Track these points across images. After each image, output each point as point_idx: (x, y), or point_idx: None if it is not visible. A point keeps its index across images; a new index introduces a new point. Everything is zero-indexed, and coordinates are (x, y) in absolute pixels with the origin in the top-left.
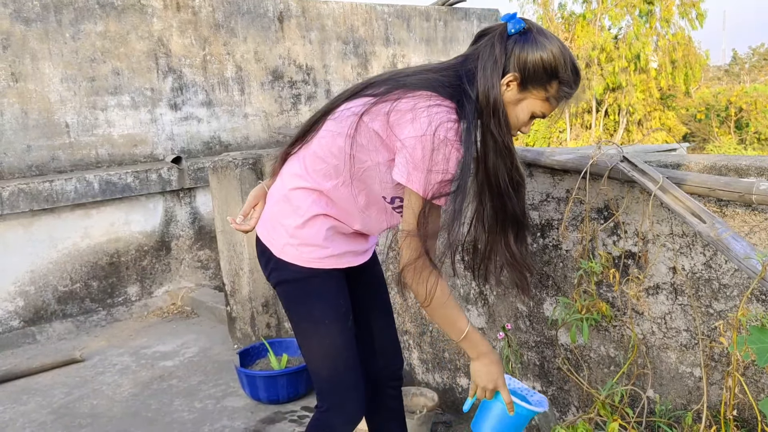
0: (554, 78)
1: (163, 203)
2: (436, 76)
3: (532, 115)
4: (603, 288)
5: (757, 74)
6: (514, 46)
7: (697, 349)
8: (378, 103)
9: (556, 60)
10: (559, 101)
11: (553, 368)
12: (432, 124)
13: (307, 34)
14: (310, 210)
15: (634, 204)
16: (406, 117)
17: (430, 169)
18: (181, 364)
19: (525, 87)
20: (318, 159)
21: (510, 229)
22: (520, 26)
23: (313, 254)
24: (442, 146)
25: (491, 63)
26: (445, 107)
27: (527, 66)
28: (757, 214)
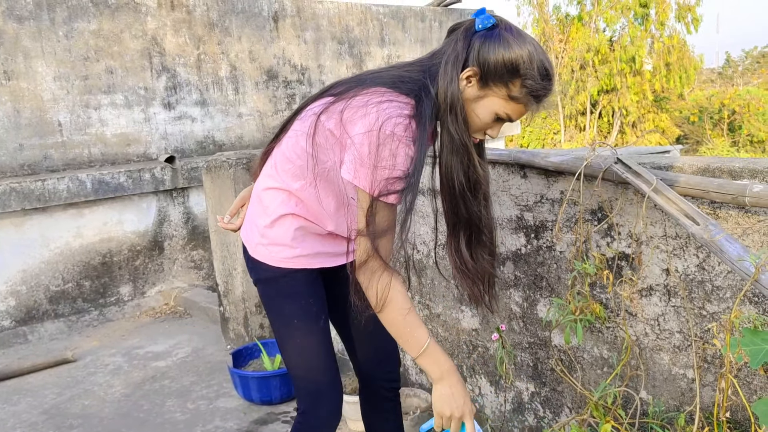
0: (516, 75)
1: (157, 203)
2: (399, 72)
3: (496, 116)
4: (597, 289)
5: (750, 77)
6: (478, 42)
7: (690, 351)
8: (335, 102)
9: (520, 57)
10: (524, 102)
11: (547, 369)
12: (379, 120)
13: (302, 33)
14: (278, 210)
15: (628, 206)
16: (357, 114)
17: (375, 165)
18: (173, 364)
19: (485, 83)
20: (286, 159)
21: (462, 233)
22: (489, 22)
23: (282, 254)
24: (388, 141)
25: (453, 58)
26: (398, 102)
27: (488, 61)
28: (751, 216)
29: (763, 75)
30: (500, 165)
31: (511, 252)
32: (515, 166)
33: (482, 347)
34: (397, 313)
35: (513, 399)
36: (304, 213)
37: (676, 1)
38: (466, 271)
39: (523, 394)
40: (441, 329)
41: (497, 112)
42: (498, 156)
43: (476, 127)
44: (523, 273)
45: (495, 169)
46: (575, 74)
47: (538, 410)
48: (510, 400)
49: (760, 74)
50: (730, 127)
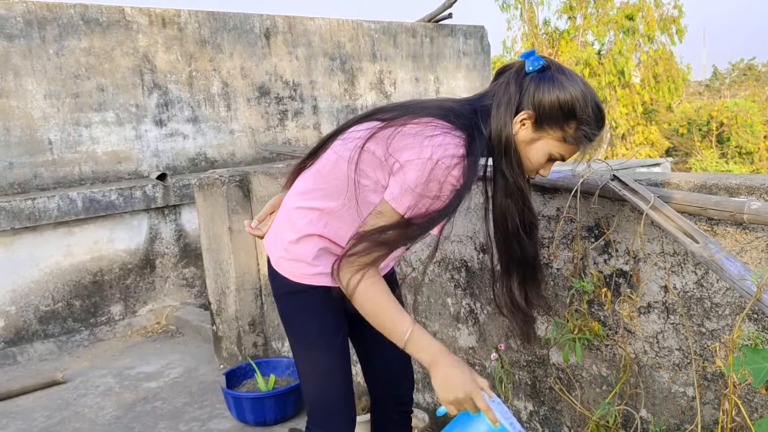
0: (572, 118)
1: (148, 220)
2: (450, 105)
3: (549, 156)
4: (594, 307)
5: (737, 89)
6: (530, 84)
7: (690, 369)
8: (384, 128)
9: (575, 99)
10: (578, 143)
11: (545, 388)
12: (435, 153)
13: (294, 50)
14: (305, 229)
15: (625, 222)
16: (409, 142)
17: (421, 194)
18: (165, 385)
19: (540, 126)
20: (322, 179)
21: (515, 273)
22: (539, 64)
23: (303, 270)
24: (440, 175)
25: (505, 100)
26: (453, 136)
27: (543, 104)
28: (749, 233)
29: (750, 87)
30: None
31: None
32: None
33: (479, 365)
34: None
35: None
36: (331, 234)
37: (659, 14)
38: (514, 309)
39: (522, 413)
40: None
41: (551, 153)
42: None
43: (529, 169)
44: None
45: None
46: None
47: (537, 429)
48: None
49: (746, 86)
50: (718, 139)
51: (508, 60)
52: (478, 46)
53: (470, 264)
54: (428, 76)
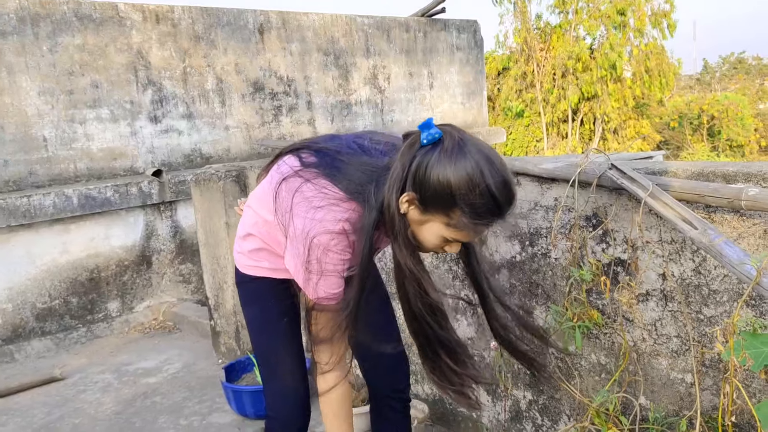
0: (453, 204)
1: (144, 217)
2: (358, 173)
3: (444, 239)
4: (593, 296)
5: (728, 83)
6: (418, 161)
7: (688, 355)
8: (297, 174)
9: (457, 184)
10: (467, 230)
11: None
12: (312, 229)
13: (288, 45)
14: (251, 229)
15: (623, 211)
16: (300, 203)
17: (308, 271)
18: (164, 380)
19: (426, 208)
20: (264, 192)
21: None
22: (434, 137)
23: (247, 262)
24: (317, 250)
25: (394, 177)
26: (339, 210)
27: (424, 186)
28: (746, 219)
29: (740, 80)
30: None
31: (506, 260)
32: None
33: (478, 356)
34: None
35: (511, 408)
36: (269, 241)
37: (650, 8)
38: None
39: (521, 402)
40: None
41: (443, 236)
42: None
43: (429, 248)
44: (518, 281)
45: None
46: (557, 82)
47: (536, 418)
48: (508, 409)
49: (737, 80)
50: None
51: (499, 55)
52: (471, 40)
53: None
54: (422, 71)
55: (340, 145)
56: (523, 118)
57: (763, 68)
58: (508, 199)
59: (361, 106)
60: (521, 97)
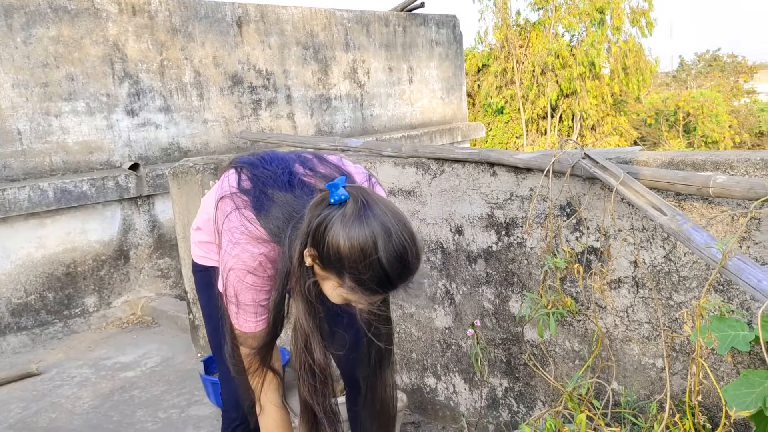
0: (345, 272)
1: (121, 211)
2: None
3: (345, 299)
4: (567, 283)
5: (703, 80)
6: (319, 219)
7: (659, 341)
8: (231, 198)
9: (351, 252)
10: (358, 294)
11: (520, 364)
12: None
13: (267, 39)
14: (200, 223)
15: (596, 200)
16: (226, 231)
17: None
18: (142, 374)
19: (324, 267)
20: (212, 196)
21: (303, 415)
22: (340, 198)
23: (199, 252)
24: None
25: (301, 230)
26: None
27: (321, 245)
28: (714, 207)
29: (716, 78)
30: (470, 164)
31: (483, 249)
32: (485, 164)
33: (456, 345)
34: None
35: (487, 395)
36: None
37: (629, 6)
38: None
39: (497, 389)
40: (414, 329)
41: (343, 296)
42: (468, 155)
43: (335, 300)
44: (494, 270)
45: (465, 167)
46: (536, 79)
47: (512, 405)
48: (484, 397)
49: (712, 77)
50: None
51: (480, 51)
52: (450, 35)
53: (446, 246)
54: (401, 66)
55: (275, 173)
56: (503, 114)
57: (738, 66)
58: (401, 274)
59: (340, 100)
60: (501, 93)
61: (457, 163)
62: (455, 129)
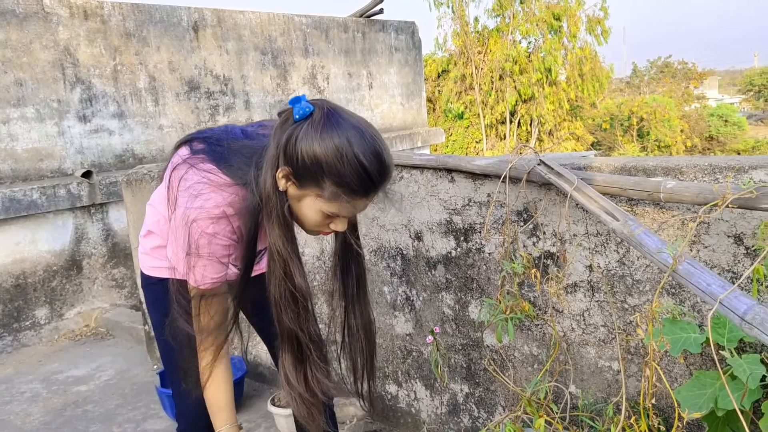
0: (322, 174)
1: (73, 220)
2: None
3: (325, 215)
4: (525, 288)
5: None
6: (289, 136)
7: (615, 344)
8: (185, 162)
9: (328, 154)
10: (339, 200)
11: (480, 370)
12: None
13: (224, 44)
14: (150, 225)
15: (552, 206)
16: (183, 190)
17: (189, 254)
18: (96, 388)
19: (301, 182)
20: (164, 187)
21: (287, 347)
22: (305, 112)
23: (149, 263)
24: (190, 231)
25: (270, 154)
26: (221, 193)
27: (295, 159)
28: (665, 211)
29: (667, 83)
30: (428, 170)
31: (442, 255)
32: (443, 170)
33: (416, 351)
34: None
35: (448, 401)
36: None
37: (585, 15)
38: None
39: (458, 395)
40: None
41: (322, 210)
42: (426, 161)
43: (312, 226)
44: (453, 276)
45: (423, 174)
46: (495, 84)
47: (472, 411)
48: (445, 403)
49: (664, 83)
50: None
51: (439, 57)
52: (409, 41)
53: (405, 252)
54: (361, 71)
55: (227, 133)
56: (463, 119)
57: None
58: (380, 170)
59: None
60: (461, 99)
61: (415, 170)
62: (415, 134)
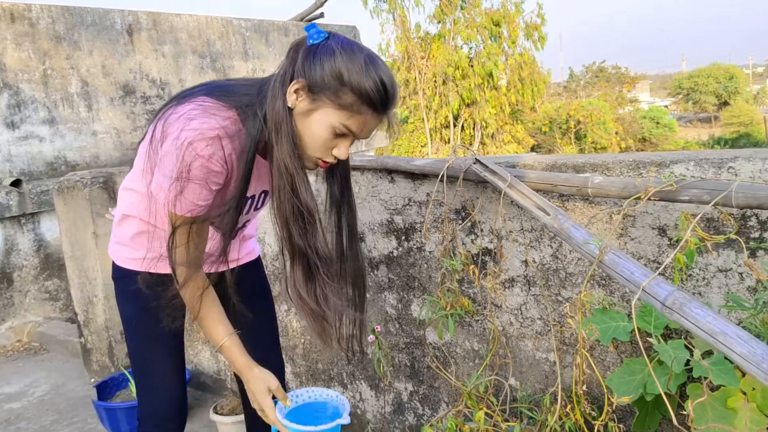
0: (343, 83)
1: (2, 231)
2: (231, 83)
3: (334, 130)
4: (464, 285)
5: (591, 90)
6: (308, 52)
7: (550, 336)
8: (169, 108)
9: (346, 65)
10: (359, 112)
11: (423, 367)
12: (188, 137)
13: (160, 47)
14: (125, 210)
15: (488, 203)
16: (172, 122)
17: (177, 178)
18: (30, 404)
19: (315, 94)
20: (140, 159)
21: (297, 265)
22: (320, 37)
23: (125, 254)
24: (189, 157)
25: (281, 73)
26: (215, 117)
27: (314, 70)
28: (594, 206)
29: (602, 88)
30: (369, 171)
31: (384, 255)
32: (383, 171)
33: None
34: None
35: (393, 400)
36: (153, 218)
37: (524, 21)
38: (304, 307)
39: (403, 394)
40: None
41: (333, 124)
42: (367, 162)
43: (317, 146)
44: (396, 275)
45: (364, 175)
46: (438, 89)
47: (417, 408)
48: (390, 402)
49: (599, 87)
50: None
51: None
52: None
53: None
54: None
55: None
56: (408, 124)
57: (621, 76)
58: (392, 90)
59: None
60: (405, 103)
61: (356, 171)
62: None
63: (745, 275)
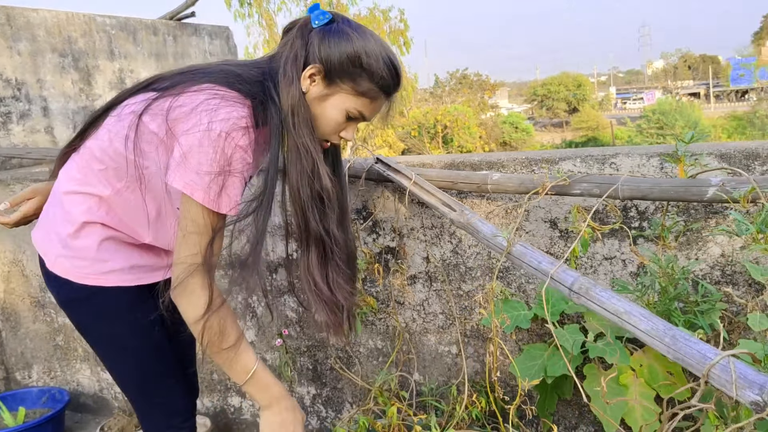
0: (361, 69)
1: None
2: (234, 69)
3: (347, 114)
4: (368, 284)
5: (456, 96)
6: (315, 37)
7: (452, 330)
8: (159, 98)
9: (363, 50)
10: (373, 97)
11: (326, 370)
12: (212, 122)
13: (15, 44)
14: (83, 217)
15: (389, 202)
16: (186, 114)
17: (207, 172)
18: None
19: (331, 80)
20: (96, 160)
21: (312, 251)
22: (325, 18)
23: (90, 269)
24: (221, 145)
25: (292, 57)
26: (234, 103)
27: (330, 56)
28: (492, 202)
29: (466, 94)
30: None
31: (283, 258)
32: (281, 172)
33: (261, 358)
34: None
35: None
36: (115, 223)
37: (389, 26)
38: (318, 293)
39: (305, 398)
40: None
41: (347, 109)
42: None
43: (328, 129)
44: (296, 278)
45: None
46: None
47: (320, 411)
48: None
49: (463, 93)
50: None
51: None
52: (224, 46)
53: (244, 257)
54: None
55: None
56: None
57: (483, 83)
58: (399, 73)
59: None
60: None
61: None
62: None
63: (627, 262)
